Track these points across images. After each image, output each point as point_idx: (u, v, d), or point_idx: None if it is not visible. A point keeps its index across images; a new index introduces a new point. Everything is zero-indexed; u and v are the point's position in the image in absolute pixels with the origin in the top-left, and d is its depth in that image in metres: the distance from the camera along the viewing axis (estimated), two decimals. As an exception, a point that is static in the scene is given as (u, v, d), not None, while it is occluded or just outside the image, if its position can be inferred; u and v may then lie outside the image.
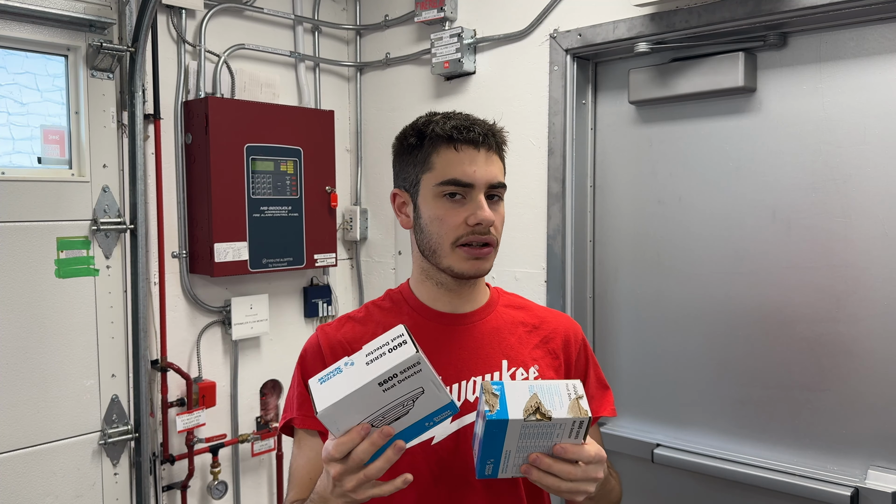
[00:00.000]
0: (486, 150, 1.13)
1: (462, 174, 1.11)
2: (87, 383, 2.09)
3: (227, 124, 2.23)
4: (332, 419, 0.90)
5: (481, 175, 1.11)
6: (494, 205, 1.14)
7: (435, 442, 1.11)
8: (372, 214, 2.75)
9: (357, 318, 1.23)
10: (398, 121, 2.60)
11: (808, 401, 1.80)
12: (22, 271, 1.96)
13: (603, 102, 2.17)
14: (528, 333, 1.22)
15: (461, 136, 1.12)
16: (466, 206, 1.11)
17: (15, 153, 2.01)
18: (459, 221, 1.11)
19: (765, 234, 1.86)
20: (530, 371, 1.18)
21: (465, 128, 1.12)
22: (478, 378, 1.16)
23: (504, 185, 1.16)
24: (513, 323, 1.22)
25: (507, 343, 1.20)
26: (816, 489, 1.73)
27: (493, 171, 1.13)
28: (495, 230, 1.14)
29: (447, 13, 2.35)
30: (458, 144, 1.12)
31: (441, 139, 1.13)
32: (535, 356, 1.20)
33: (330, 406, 0.89)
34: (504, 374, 1.16)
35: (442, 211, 1.12)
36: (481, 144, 1.13)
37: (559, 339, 1.23)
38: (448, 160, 1.12)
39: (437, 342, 1.17)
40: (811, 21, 1.74)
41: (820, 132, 1.78)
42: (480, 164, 1.12)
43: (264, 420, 2.53)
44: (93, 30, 2.05)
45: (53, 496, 2.03)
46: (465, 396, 1.14)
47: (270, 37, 2.52)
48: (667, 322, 2.04)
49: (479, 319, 1.20)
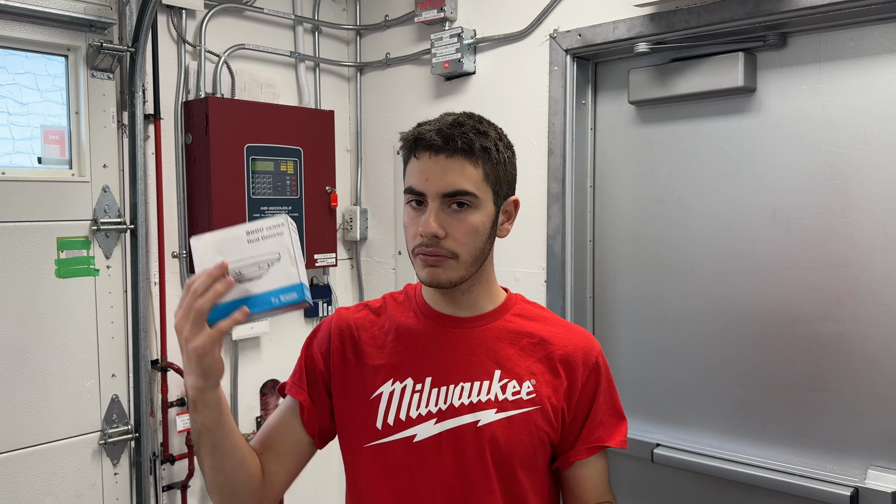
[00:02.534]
0: (447, 156, 1.07)
1: (415, 182, 1.10)
2: (87, 383, 2.09)
3: (227, 124, 2.23)
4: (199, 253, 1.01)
5: (433, 184, 1.07)
6: (460, 213, 1.08)
7: (417, 440, 1.12)
8: (372, 214, 2.75)
9: (373, 307, 1.26)
10: (398, 121, 2.61)
11: (807, 401, 1.80)
12: (22, 271, 1.96)
13: (603, 102, 2.17)
14: (532, 346, 1.18)
15: (418, 144, 1.10)
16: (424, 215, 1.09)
17: (15, 153, 2.01)
18: (416, 231, 1.10)
19: (765, 235, 1.86)
20: (524, 385, 1.14)
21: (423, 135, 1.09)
22: (465, 384, 1.14)
23: (466, 192, 1.07)
24: (518, 333, 1.19)
25: (505, 353, 1.17)
26: (816, 489, 1.73)
27: (450, 179, 1.07)
28: (453, 242, 1.08)
29: (447, 13, 2.35)
30: (417, 152, 1.10)
31: (406, 147, 1.12)
32: (535, 370, 1.16)
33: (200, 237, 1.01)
34: (494, 385, 1.14)
35: (407, 219, 1.14)
36: (440, 150, 1.07)
37: (566, 357, 1.17)
38: (410, 168, 1.12)
39: (432, 342, 1.18)
40: (811, 21, 1.73)
41: (820, 132, 1.78)
42: (434, 172, 1.07)
43: (264, 420, 2.53)
44: (93, 30, 2.05)
45: (53, 496, 2.03)
46: (451, 401, 1.13)
47: (270, 37, 2.52)
48: (666, 322, 2.04)
49: (479, 325, 1.19)
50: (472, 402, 1.13)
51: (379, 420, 1.14)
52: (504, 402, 1.13)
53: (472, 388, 1.14)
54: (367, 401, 1.16)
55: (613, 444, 1.19)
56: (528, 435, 1.13)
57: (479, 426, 1.12)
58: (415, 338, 1.19)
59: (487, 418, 1.12)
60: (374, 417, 1.15)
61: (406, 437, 1.13)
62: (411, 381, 1.15)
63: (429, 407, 1.13)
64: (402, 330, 1.20)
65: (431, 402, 1.13)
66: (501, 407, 1.13)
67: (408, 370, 1.16)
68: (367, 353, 1.19)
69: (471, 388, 1.14)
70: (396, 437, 1.13)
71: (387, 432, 1.14)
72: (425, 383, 1.14)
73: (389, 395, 1.15)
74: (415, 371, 1.16)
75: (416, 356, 1.17)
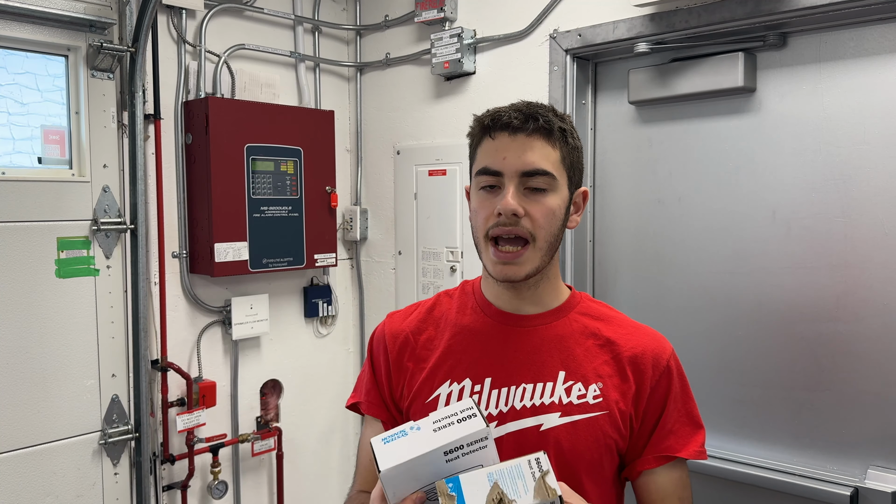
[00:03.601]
0: (526, 135, 1.04)
1: (491, 162, 1.05)
2: (87, 383, 2.09)
3: (227, 124, 2.23)
4: (391, 481, 0.88)
5: (511, 162, 1.04)
6: (538, 195, 1.05)
7: None
8: (372, 214, 2.75)
9: (427, 307, 1.21)
10: (398, 121, 2.61)
11: (808, 401, 1.80)
12: (22, 271, 1.96)
13: (603, 102, 2.18)
14: (598, 347, 1.11)
15: (495, 124, 1.06)
16: (499, 196, 1.05)
17: (15, 153, 2.02)
18: (490, 212, 1.05)
19: (765, 234, 1.86)
20: (590, 388, 1.08)
21: (501, 114, 1.06)
22: (528, 385, 1.08)
23: (546, 172, 1.04)
24: (583, 333, 1.12)
25: (571, 353, 1.10)
26: (816, 489, 1.73)
27: (529, 157, 1.04)
28: (531, 223, 1.04)
29: (447, 13, 2.35)
30: (494, 132, 1.06)
31: (482, 129, 1.09)
32: (602, 373, 1.09)
33: (392, 467, 0.87)
34: (558, 387, 1.08)
35: (478, 202, 1.08)
36: (518, 130, 1.04)
37: (635, 359, 1.10)
38: (485, 150, 1.08)
39: (491, 341, 1.12)
40: (811, 21, 1.74)
41: (820, 132, 1.78)
42: (512, 150, 1.04)
43: (264, 420, 2.53)
44: (93, 30, 2.05)
45: (53, 496, 2.03)
46: (513, 403, 1.08)
47: (270, 37, 2.52)
48: (666, 321, 2.04)
49: (541, 323, 1.12)
50: (534, 405, 1.07)
51: None
52: (569, 405, 1.07)
53: (535, 390, 1.08)
54: (424, 404, 1.12)
55: (686, 455, 1.09)
56: (594, 441, 1.06)
57: (542, 430, 1.06)
58: (473, 337, 1.13)
59: (551, 422, 1.06)
60: None
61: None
62: (469, 383, 1.10)
63: (489, 409, 1.08)
64: (458, 329, 1.15)
65: (492, 405, 1.08)
66: (566, 411, 1.07)
67: (465, 371, 1.11)
68: (423, 356, 1.15)
69: (533, 389, 1.08)
70: None
71: None
72: (484, 384, 1.09)
73: (447, 398, 1.10)
74: (473, 372, 1.10)
75: (474, 356, 1.12)
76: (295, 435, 2.61)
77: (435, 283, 2.51)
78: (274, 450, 2.53)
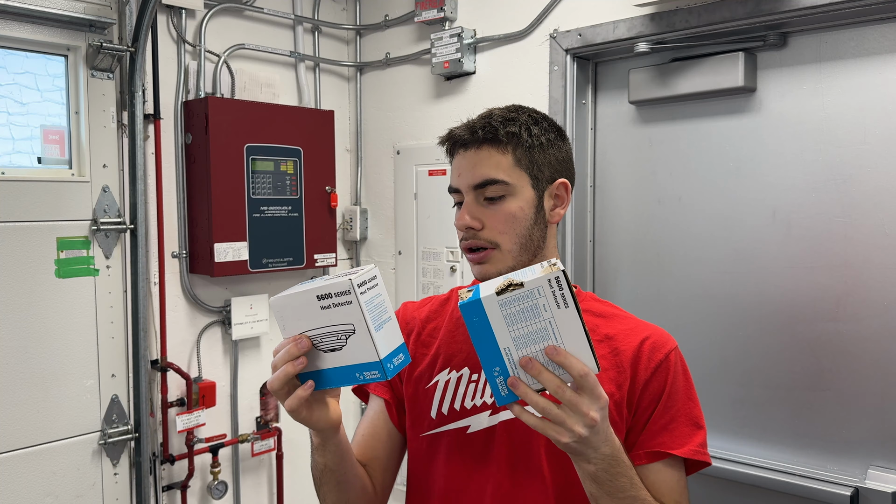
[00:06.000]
0: (476, 148, 1.09)
1: (453, 180, 1.13)
2: (87, 383, 2.09)
3: (227, 124, 2.23)
4: (278, 312, 0.94)
5: (465, 178, 1.10)
6: (495, 203, 1.08)
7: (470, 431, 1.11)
8: (372, 214, 2.75)
9: (440, 300, 1.26)
10: (398, 121, 2.61)
11: (808, 401, 1.80)
12: (22, 271, 1.95)
13: (603, 102, 2.17)
14: (596, 342, 1.11)
15: (453, 142, 1.13)
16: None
17: (15, 153, 2.01)
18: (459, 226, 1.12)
19: (765, 234, 1.86)
20: None
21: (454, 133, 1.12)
22: None
23: (496, 181, 1.07)
24: None
25: None
26: (816, 489, 1.73)
27: (479, 170, 1.08)
28: (491, 232, 1.08)
29: (447, 13, 2.35)
30: (454, 150, 1.13)
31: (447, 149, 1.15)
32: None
33: (275, 297, 0.94)
34: None
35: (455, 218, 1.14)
36: (468, 145, 1.10)
37: (631, 352, 1.09)
38: (452, 168, 1.14)
39: None
40: (811, 21, 1.74)
41: (820, 132, 1.78)
42: (465, 167, 1.10)
43: (264, 420, 2.53)
44: (93, 30, 2.05)
45: (53, 496, 2.03)
46: None
47: (270, 37, 2.52)
48: (666, 322, 2.03)
49: None
50: None
51: (433, 409, 1.14)
52: None
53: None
54: (424, 389, 1.16)
55: (681, 454, 1.05)
56: None
57: None
58: None
59: None
60: (429, 406, 1.14)
61: (460, 427, 1.12)
62: (468, 371, 1.13)
63: (483, 398, 1.11)
64: (461, 320, 1.17)
65: (487, 393, 1.11)
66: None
67: (464, 360, 1.14)
68: (427, 343, 1.20)
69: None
70: (450, 427, 1.12)
71: (441, 422, 1.13)
72: (482, 374, 1.12)
73: (445, 385, 1.14)
74: (471, 361, 1.14)
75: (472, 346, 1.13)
76: (295, 435, 2.60)
77: (435, 283, 2.51)
78: (274, 450, 2.53)
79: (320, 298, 0.90)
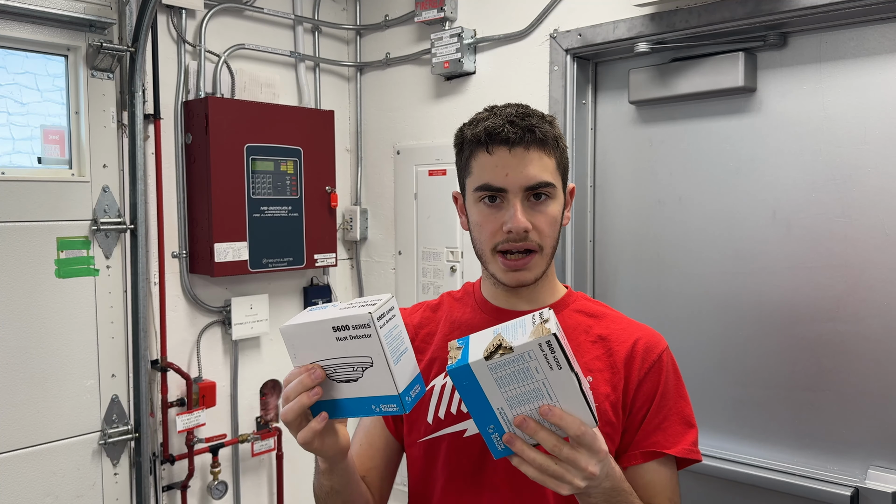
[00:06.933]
0: (524, 148, 1.06)
1: (493, 179, 1.07)
2: (87, 383, 2.09)
3: (227, 124, 2.23)
4: (289, 340, 0.91)
5: (514, 179, 1.05)
6: (541, 205, 1.08)
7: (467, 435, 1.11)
8: (372, 214, 2.75)
9: (431, 305, 1.25)
10: (398, 121, 2.61)
11: (808, 401, 1.80)
12: (22, 271, 1.95)
13: (603, 102, 2.17)
14: (591, 343, 1.12)
15: (492, 140, 1.07)
16: (504, 210, 1.07)
17: (15, 153, 2.01)
18: (496, 228, 1.07)
19: (765, 234, 1.86)
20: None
21: (497, 129, 1.06)
22: None
23: (548, 183, 1.07)
24: (576, 329, 1.14)
25: None
26: (816, 489, 1.73)
27: (531, 171, 1.06)
28: (538, 234, 1.07)
29: (447, 13, 2.35)
30: (491, 147, 1.07)
31: (475, 143, 1.09)
32: (593, 367, 1.10)
33: (287, 326, 0.90)
34: None
35: (481, 217, 1.10)
36: (516, 144, 1.06)
37: (624, 352, 1.10)
38: (482, 165, 1.08)
39: None
40: (811, 21, 1.74)
41: (820, 132, 1.78)
42: (513, 166, 1.05)
43: (264, 420, 2.53)
44: (93, 30, 2.05)
45: (53, 496, 2.03)
46: None
47: (270, 37, 2.52)
48: (667, 322, 2.04)
49: None
50: None
51: (430, 414, 1.13)
52: None
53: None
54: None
55: (675, 453, 1.08)
56: None
57: None
58: (469, 331, 1.15)
59: None
60: (425, 412, 1.14)
61: (456, 431, 1.11)
62: None
63: None
64: (456, 325, 1.18)
65: None
66: None
67: None
68: (421, 349, 1.18)
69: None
70: (446, 432, 1.12)
71: (437, 426, 1.12)
72: None
73: (441, 390, 1.13)
74: None
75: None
76: (295, 435, 2.60)
77: (435, 283, 2.51)
78: (274, 450, 2.53)
79: (336, 329, 0.87)
